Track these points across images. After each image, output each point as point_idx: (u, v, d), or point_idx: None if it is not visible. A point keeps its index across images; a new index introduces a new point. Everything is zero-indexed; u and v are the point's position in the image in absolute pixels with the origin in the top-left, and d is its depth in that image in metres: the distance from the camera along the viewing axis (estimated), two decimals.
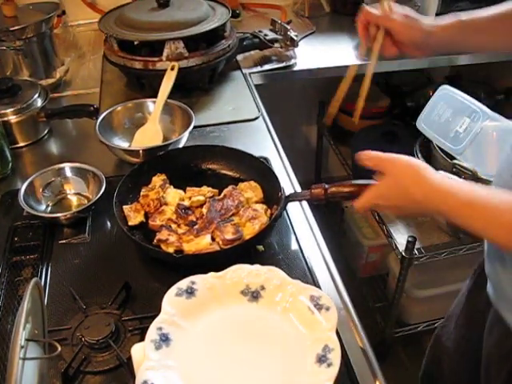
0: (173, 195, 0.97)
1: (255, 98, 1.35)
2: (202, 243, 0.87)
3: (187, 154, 1.05)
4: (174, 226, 0.91)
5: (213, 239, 0.88)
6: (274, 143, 1.19)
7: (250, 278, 0.78)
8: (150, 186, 0.99)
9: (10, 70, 1.38)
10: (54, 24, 1.55)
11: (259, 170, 0.99)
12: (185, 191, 0.99)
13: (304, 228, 0.96)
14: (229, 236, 0.87)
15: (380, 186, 0.77)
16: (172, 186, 0.99)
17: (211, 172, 1.04)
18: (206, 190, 0.98)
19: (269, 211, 0.92)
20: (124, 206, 0.94)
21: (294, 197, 0.90)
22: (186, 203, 0.95)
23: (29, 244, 0.91)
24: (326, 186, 0.83)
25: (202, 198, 0.95)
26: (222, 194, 0.96)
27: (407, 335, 1.76)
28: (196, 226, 0.90)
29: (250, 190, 0.96)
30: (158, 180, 0.99)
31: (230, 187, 0.97)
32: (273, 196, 0.93)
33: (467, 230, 0.68)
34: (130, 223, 0.92)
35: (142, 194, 0.97)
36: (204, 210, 0.93)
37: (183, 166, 1.03)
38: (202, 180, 1.01)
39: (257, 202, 0.95)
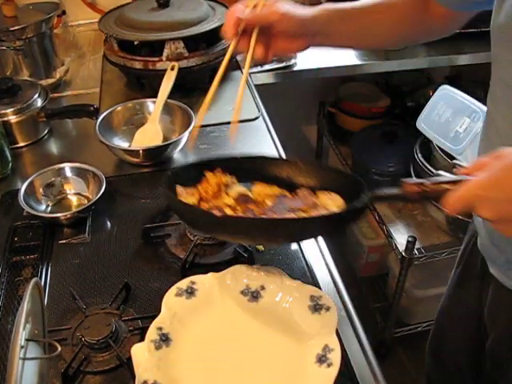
0: (237, 189, 0.83)
1: (255, 98, 1.35)
2: None
3: (265, 164, 0.85)
4: (227, 209, 0.78)
5: None
6: (274, 143, 1.19)
7: (250, 278, 0.78)
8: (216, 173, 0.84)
9: (10, 70, 1.38)
10: (54, 24, 1.56)
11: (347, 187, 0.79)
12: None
13: None
14: None
15: (492, 170, 0.55)
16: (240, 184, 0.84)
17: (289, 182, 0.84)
18: (277, 189, 0.82)
19: None
20: (178, 186, 0.81)
21: (380, 194, 0.71)
22: (251, 195, 0.81)
23: (29, 244, 0.91)
24: (421, 180, 0.66)
25: (269, 192, 0.81)
26: (295, 194, 0.82)
27: (407, 335, 1.76)
28: (253, 211, 0.77)
29: (329, 199, 0.80)
30: (226, 178, 0.84)
31: (305, 190, 0.81)
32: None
33: None
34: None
35: (204, 178, 0.82)
36: (268, 202, 0.80)
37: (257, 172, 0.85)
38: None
39: None
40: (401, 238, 1.56)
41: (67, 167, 1.04)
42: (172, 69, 1.22)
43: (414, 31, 0.87)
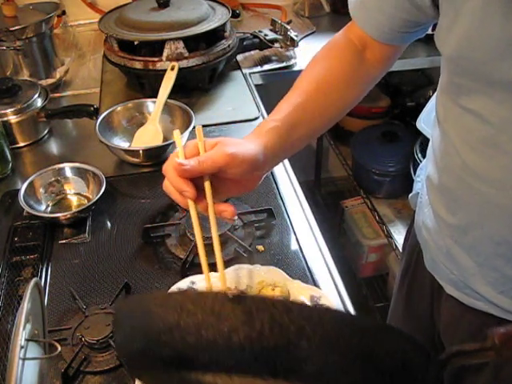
0: None
1: (255, 98, 1.35)
2: None
3: None
4: None
5: None
6: None
7: (250, 277, 0.78)
8: None
9: (9, 70, 1.38)
10: (54, 24, 1.55)
11: None
12: None
13: (304, 228, 0.96)
14: None
15: None
16: None
17: None
18: None
19: None
20: None
21: (461, 349, 0.44)
22: None
23: (29, 244, 0.91)
24: None
25: None
26: None
27: None
28: None
29: None
30: None
31: None
32: None
33: None
34: None
35: None
36: None
37: None
38: None
39: None
40: (401, 238, 1.56)
41: (67, 167, 1.04)
42: (172, 69, 1.22)
43: (361, 88, 0.81)
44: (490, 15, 0.56)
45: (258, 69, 1.49)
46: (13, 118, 1.16)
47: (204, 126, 1.24)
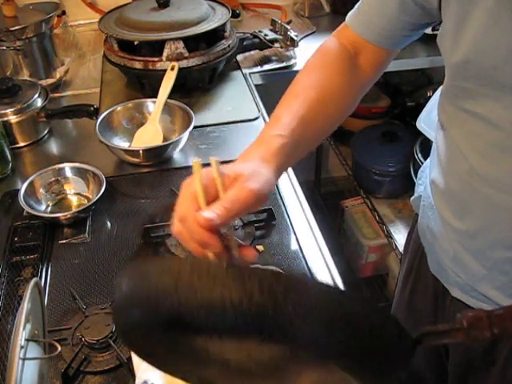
0: None
1: (255, 98, 1.35)
2: None
3: None
4: None
5: None
6: None
7: None
8: None
9: (10, 70, 1.38)
10: (54, 24, 1.55)
11: None
12: None
13: (304, 228, 0.96)
14: None
15: None
16: None
17: None
18: None
19: None
20: None
21: (431, 337, 0.47)
22: None
23: (29, 244, 0.91)
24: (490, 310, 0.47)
25: None
26: None
27: None
28: None
29: None
30: None
31: None
32: None
33: None
34: None
35: None
36: None
37: None
38: None
39: None
40: (401, 238, 1.56)
41: (67, 167, 1.04)
42: (172, 69, 1.22)
43: (354, 97, 0.79)
44: (500, 20, 0.55)
45: (258, 69, 1.49)
46: (13, 118, 1.16)
47: (204, 126, 1.24)
